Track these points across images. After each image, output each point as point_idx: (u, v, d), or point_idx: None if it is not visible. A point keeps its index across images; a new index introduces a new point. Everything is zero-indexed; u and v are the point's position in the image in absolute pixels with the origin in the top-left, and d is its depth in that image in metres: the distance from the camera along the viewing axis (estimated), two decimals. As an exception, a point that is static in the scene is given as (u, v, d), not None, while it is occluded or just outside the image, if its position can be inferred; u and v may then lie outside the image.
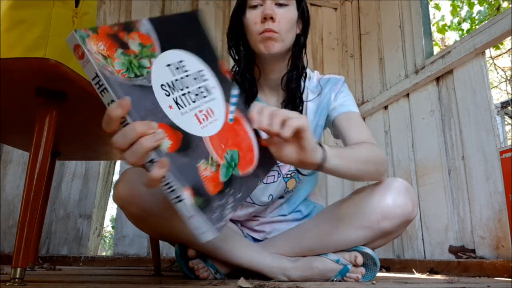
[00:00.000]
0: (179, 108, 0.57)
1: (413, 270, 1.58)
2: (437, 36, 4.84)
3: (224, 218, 0.59)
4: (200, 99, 0.62)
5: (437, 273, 1.48)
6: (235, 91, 0.71)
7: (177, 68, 0.60)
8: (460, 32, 4.58)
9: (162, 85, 0.56)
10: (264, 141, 0.70)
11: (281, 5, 0.96)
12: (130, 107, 0.50)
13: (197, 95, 0.62)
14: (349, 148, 0.91)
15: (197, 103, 0.61)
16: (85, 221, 1.94)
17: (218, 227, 0.57)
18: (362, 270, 0.94)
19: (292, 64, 1.04)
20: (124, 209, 0.93)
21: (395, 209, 0.88)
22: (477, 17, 4.19)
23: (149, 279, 0.95)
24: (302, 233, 0.97)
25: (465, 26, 4.50)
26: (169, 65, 0.59)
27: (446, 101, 1.67)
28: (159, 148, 0.52)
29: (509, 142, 4.33)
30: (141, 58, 0.55)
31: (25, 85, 0.77)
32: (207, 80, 0.65)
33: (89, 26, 0.93)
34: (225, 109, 0.67)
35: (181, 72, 0.60)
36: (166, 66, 0.58)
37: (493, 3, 4.02)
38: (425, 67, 1.76)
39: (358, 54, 2.39)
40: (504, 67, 4.22)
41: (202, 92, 0.63)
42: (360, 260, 0.93)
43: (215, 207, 0.57)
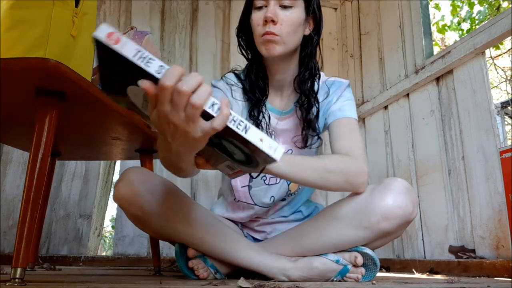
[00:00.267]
0: None
1: (413, 270, 1.58)
2: (437, 36, 4.84)
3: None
4: None
5: (437, 273, 1.48)
6: None
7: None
8: (460, 32, 4.58)
9: None
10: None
11: (285, 7, 0.96)
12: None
13: None
14: (309, 157, 0.93)
15: None
16: (85, 221, 1.94)
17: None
18: (362, 270, 0.94)
19: (302, 64, 1.03)
20: (124, 209, 0.93)
21: (395, 209, 0.88)
22: (477, 17, 4.19)
23: (149, 279, 0.95)
24: (302, 233, 0.97)
25: (465, 26, 4.50)
26: None
27: (446, 101, 1.67)
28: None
29: (509, 142, 4.33)
30: None
31: (25, 85, 0.77)
32: None
33: (89, 26, 0.93)
34: None
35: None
36: None
37: (493, 3, 4.02)
38: (425, 67, 1.76)
39: (358, 54, 2.38)
40: (504, 67, 4.21)
41: None
42: (360, 260, 0.93)
43: None
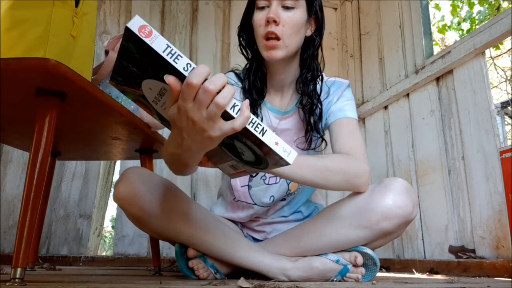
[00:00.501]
0: None
1: (413, 270, 1.58)
2: (437, 36, 4.84)
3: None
4: None
5: (437, 273, 1.48)
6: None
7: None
8: (460, 32, 4.58)
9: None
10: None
11: (288, 8, 0.95)
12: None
13: None
14: (309, 156, 0.92)
15: None
16: (85, 221, 1.93)
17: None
18: (362, 270, 0.94)
19: (304, 66, 1.03)
20: (124, 209, 0.93)
21: (395, 209, 0.87)
22: (477, 17, 4.19)
23: (149, 279, 0.95)
24: (302, 233, 0.97)
25: (465, 26, 4.50)
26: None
27: (446, 101, 1.67)
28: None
29: (509, 142, 4.32)
30: None
31: (25, 85, 0.77)
32: None
33: (89, 26, 0.93)
34: None
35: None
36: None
37: (493, 3, 4.02)
38: (425, 67, 1.76)
39: (358, 54, 2.38)
40: (504, 67, 4.21)
41: None
42: (360, 260, 0.93)
43: None
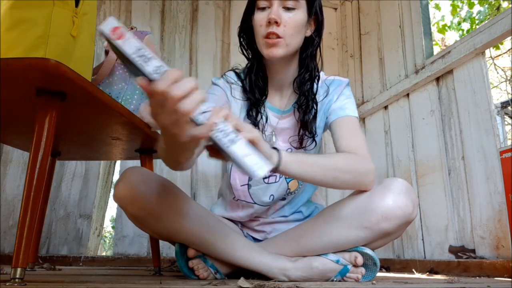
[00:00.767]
0: None
1: (413, 270, 1.58)
2: (437, 36, 4.83)
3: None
4: None
5: (437, 273, 1.48)
6: None
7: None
8: (460, 32, 4.58)
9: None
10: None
11: (289, 8, 0.95)
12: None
13: None
14: (318, 156, 0.93)
15: None
16: (85, 221, 1.93)
17: (269, 161, 0.62)
18: (362, 270, 0.94)
19: (302, 66, 1.03)
20: (124, 209, 0.93)
21: (395, 209, 0.87)
22: (477, 17, 4.19)
23: (149, 279, 0.95)
24: (302, 233, 0.97)
25: (465, 26, 4.49)
26: None
27: (446, 101, 1.67)
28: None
29: (509, 142, 4.32)
30: None
31: (25, 85, 0.77)
32: None
33: (89, 26, 0.93)
34: None
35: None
36: None
37: (493, 3, 4.02)
38: (425, 67, 1.76)
39: (358, 54, 2.38)
40: (504, 67, 4.21)
41: None
42: (360, 260, 0.93)
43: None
